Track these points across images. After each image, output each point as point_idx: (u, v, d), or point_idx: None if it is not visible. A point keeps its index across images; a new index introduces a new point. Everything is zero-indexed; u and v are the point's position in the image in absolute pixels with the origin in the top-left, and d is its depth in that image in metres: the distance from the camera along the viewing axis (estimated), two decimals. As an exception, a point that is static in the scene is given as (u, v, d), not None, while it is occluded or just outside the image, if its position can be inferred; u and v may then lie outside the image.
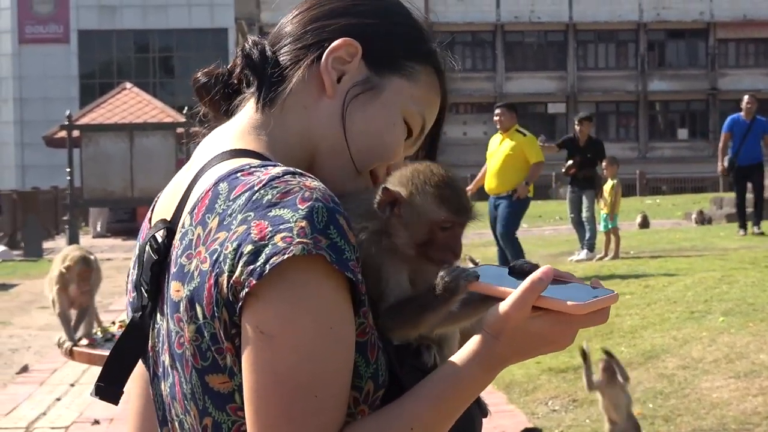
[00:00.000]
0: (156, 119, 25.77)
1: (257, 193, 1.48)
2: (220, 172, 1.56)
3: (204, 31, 52.00)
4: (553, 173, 39.54)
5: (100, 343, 5.62)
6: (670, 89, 53.25)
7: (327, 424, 1.46)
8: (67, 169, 24.27)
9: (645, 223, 22.59)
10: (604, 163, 15.84)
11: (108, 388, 1.65)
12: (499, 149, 13.00)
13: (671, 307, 9.83)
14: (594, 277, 1.59)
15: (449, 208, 1.62)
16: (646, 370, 7.88)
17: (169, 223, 1.61)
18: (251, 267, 1.44)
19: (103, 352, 4.84)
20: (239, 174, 1.53)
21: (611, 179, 15.87)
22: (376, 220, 1.62)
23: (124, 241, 26.68)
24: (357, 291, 1.49)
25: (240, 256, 1.45)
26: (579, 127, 15.72)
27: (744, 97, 17.21)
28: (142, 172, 23.52)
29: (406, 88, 1.72)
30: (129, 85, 29.09)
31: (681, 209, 27.86)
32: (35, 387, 9.06)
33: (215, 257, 1.48)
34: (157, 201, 1.74)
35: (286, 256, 1.43)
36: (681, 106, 54.40)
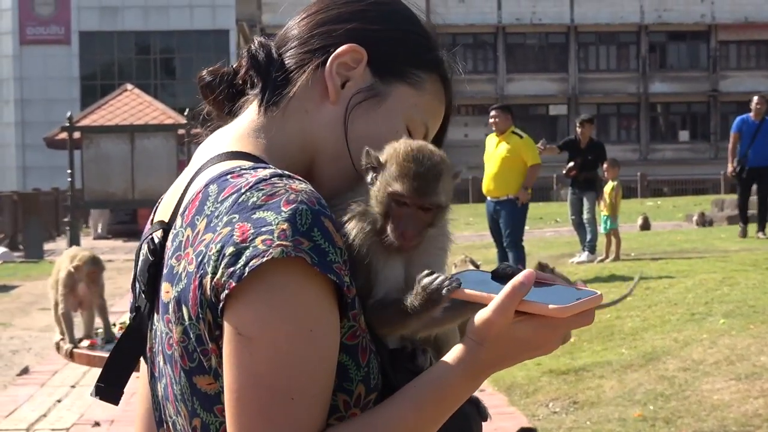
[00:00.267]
0: (157, 121, 25.77)
1: (243, 195, 1.48)
2: (211, 174, 1.56)
3: (205, 32, 52.03)
4: (554, 175, 39.53)
5: (100, 345, 5.63)
6: (671, 91, 53.25)
7: (304, 427, 1.45)
8: (68, 171, 24.27)
9: (646, 225, 22.58)
10: (605, 164, 15.84)
11: (108, 389, 1.65)
12: (496, 152, 12.98)
13: (672, 309, 9.83)
14: (595, 279, 1.58)
15: (404, 183, 1.59)
16: (646, 372, 7.87)
17: (166, 224, 1.61)
18: (231, 269, 1.44)
19: (103, 354, 4.85)
20: (229, 176, 1.53)
21: (612, 181, 15.87)
22: (360, 201, 1.60)
23: (125, 242, 26.69)
24: (343, 294, 1.48)
25: (222, 257, 1.45)
26: (580, 129, 15.71)
27: (753, 97, 17.04)
28: (143, 174, 23.51)
29: (410, 96, 1.71)
30: (130, 86, 29.08)
31: (682, 211, 27.85)
32: (36, 388, 9.06)
33: (200, 259, 1.48)
34: (159, 203, 1.75)
35: (265, 259, 1.43)
36: (682, 108, 54.40)
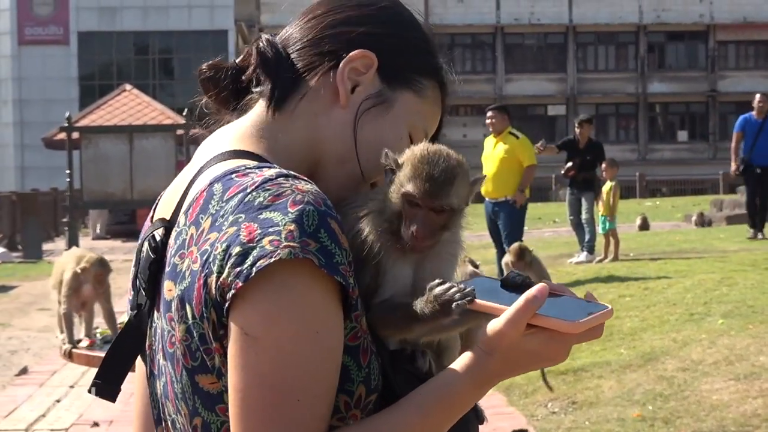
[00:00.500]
0: (156, 121, 25.76)
1: (249, 195, 1.48)
2: (216, 173, 1.56)
3: (204, 32, 52.01)
4: (552, 175, 39.54)
5: (99, 345, 5.63)
6: (669, 91, 53.26)
7: (308, 428, 1.45)
8: (67, 171, 24.24)
9: (645, 225, 22.59)
10: (604, 164, 15.83)
11: (106, 386, 1.65)
12: (493, 153, 12.98)
13: (671, 309, 9.83)
14: (594, 279, 1.59)
15: (416, 184, 1.61)
16: (645, 372, 7.87)
17: (168, 222, 1.61)
18: (238, 269, 1.44)
19: (102, 354, 4.85)
20: (234, 175, 1.53)
21: (610, 181, 15.87)
22: (377, 200, 1.62)
23: (124, 243, 26.68)
24: (347, 295, 1.48)
25: (228, 257, 1.45)
26: (579, 129, 15.70)
27: (756, 96, 16.87)
28: (141, 174, 23.49)
29: (414, 103, 1.72)
30: (129, 86, 29.07)
31: (681, 211, 27.86)
32: (35, 389, 9.06)
33: (205, 258, 1.47)
34: (159, 201, 1.74)
35: (273, 260, 1.42)
36: (681, 108, 54.41)
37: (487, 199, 13.08)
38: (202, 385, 1.51)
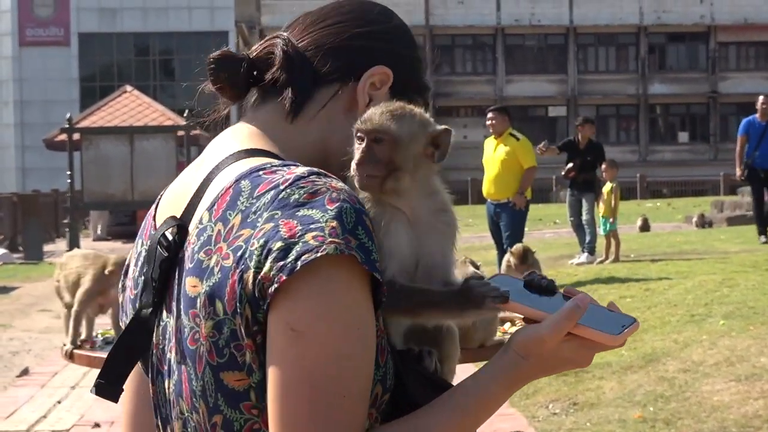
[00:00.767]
0: (156, 122, 25.78)
1: (284, 192, 1.49)
2: (240, 170, 1.57)
3: (204, 34, 52.01)
4: (553, 176, 39.54)
5: (101, 346, 5.62)
6: (670, 92, 53.26)
7: (353, 424, 1.47)
8: (68, 172, 24.26)
9: (645, 227, 22.59)
10: (603, 165, 15.80)
11: (108, 386, 1.64)
12: (494, 155, 12.97)
13: (672, 310, 9.83)
14: (594, 281, 1.61)
15: (360, 116, 1.66)
16: (646, 373, 7.87)
17: (179, 220, 1.61)
18: (281, 263, 1.44)
19: (104, 355, 4.84)
20: (261, 172, 1.54)
21: (610, 182, 15.86)
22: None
23: (125, 244, 26.68)
24: (380, 293, 1.50)
25: (268, 252, 1.45)
26: (581, 130, 15.70)
27: (759, 97, 16.44)
28: (142, 176, 23.49)
29: None
30: (129, 88, 29.10)
31: (681, 212, 27.86)
32: (36, 390, 9.05)
33: (239, 254, 1.48)
34: (160, 199, 1.74)
35: (319, 254, 1.43)
36: (681, 109, 54.41)
37: (488, 200, 13.09)
38: (227, 382, 1.51)
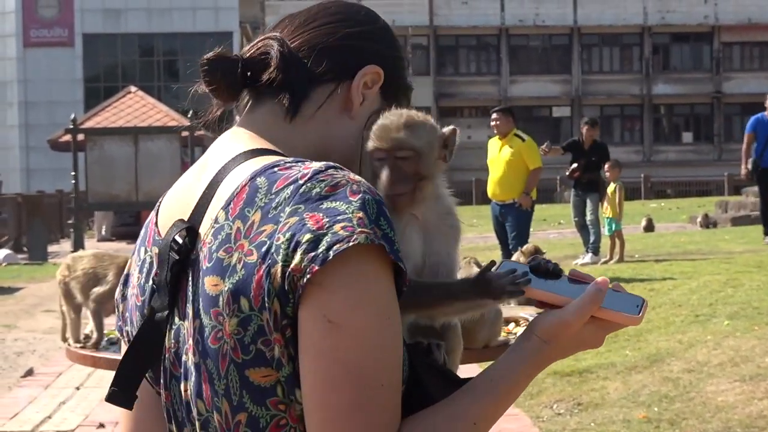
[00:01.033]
0: (161, 123, 25.82)
1: (304, 186, 1.49)
2: (253, 168, 1.57)
3: (208, 34, 52.02)
4: (557, 177, 39.54)
5: (105, 346, 5.61)
6: (674, 93, 53.23)
7: (393, 412, 1.49)
8: (72, 173, 24.29)
9: (650, 227, 22.59)
10: (606, 166, 15.78)
11: (121, 393, 1.63)
12: (499, 155, 12.96)
13: (676, 310, 9.83)
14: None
15: (374, 136, 1.67)
16: (651, 373, 7.87)
17: (188, 223, 1.61)
18: (312, 254, 1.44)
19: (108, 355, 4.83)
20: (276, 168, 1.55)
21: (613, 182, 15.85)
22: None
23: (129, 244, 26.70)
24: (402, 282, 1.52)
25: (296, 245, 1.45)
26: (585, 131, 15.70)
27: None
28: (146, 176, 23.53)
29: None
30: (134, 88, 29.14)
31: (686, 213, 27.85)
32: (40, 390, 9.06)
33: (264, 249, 1.48)
34: (160, 204, 1.73)
35: (351, 244, 1.44)
36: (685, 109, 54.38)
37: (493, 201, 13.08)
38: (253, 379, 1.51)
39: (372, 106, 1.73)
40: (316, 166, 1.53)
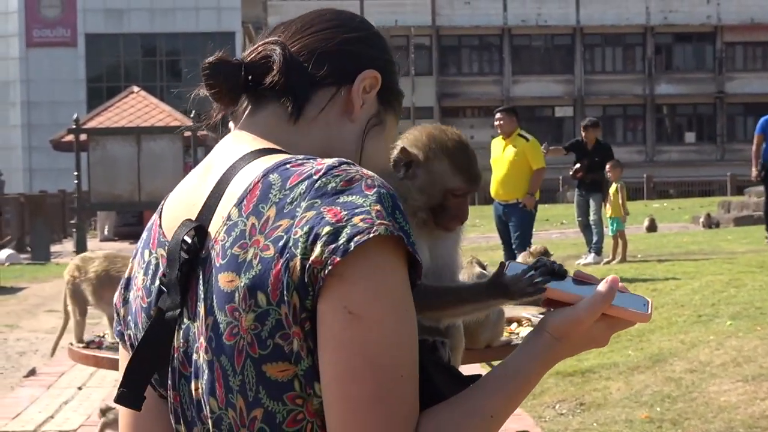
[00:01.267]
0: (163, 123, 25.80)
1: (319, 181, 1.51)
2: (264, 165, 1.58)
3: (211, 34, 52.03)
4: (560, 177, 39.54)
5: (108, 347, 5.62)
6: (677, 93, 53.23)
7: (412, 404, 1.50)
8: (75, 173, 24.29)
9: (652, 227, 22.58)
10: (608, 166, 15.75)
11: (129, 394, 1.63)
12: (503, 156, 12.95)
13: (679, 310, 9.83)
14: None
15: (464, 177, 1.70)
16: (653, 373, 7.87)
17: (196, 222, 1.61)
18: (333, 246, 1.45)
19: (110, 355, 4.84)
20: (288, 165, 1.56)
21: (615, 182, 15.84)
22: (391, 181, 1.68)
23: (132, 244, 26.71)
24: (416, 276, 1.53)
25: (315, 238, 1.47)
26: (584, 133, 15.70)
27: None
28: (149, 176, 23.52)
29: (392, 127, 1.81)
30: (136, 88, 29.13)
31: (688, 213, 27.84)
32: (43, 390, 9.07)
33: (282, 243, 1.49)
34: (163, 207, 1.73)
35: (372, 235, 1.45)
36: (688, 109, 54.37)
37: (496, 200, 13.07)
38: (270, 374, 1.51)
39: (370, 111, 1.74)
40: (329, 161, 1.54)
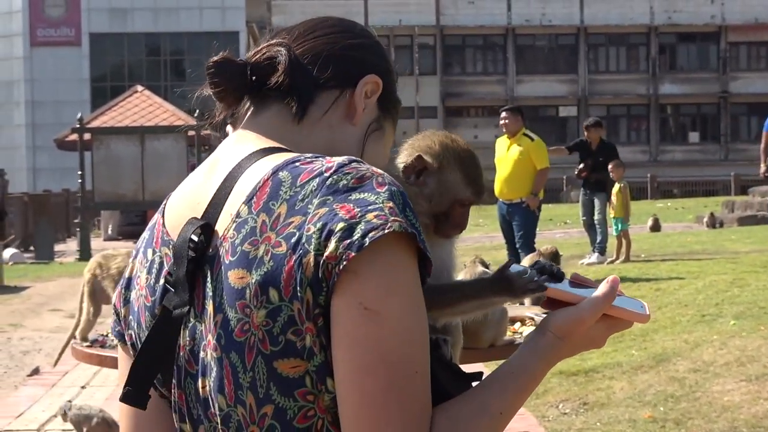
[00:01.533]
0: (167, 122, 25.80)
1: (330, 179, 1.52)
2: (273, 163, 1.59)
3: (215, 34, 52.06)
4: (563, 177, 39.52)
5: (111, 345, 5.62)
6: (681, 92, 53.19)
7: (425, 399, 1.51)
8: (79, 172, 24.30)
9: (656, 227, 22.56)
10: (610, 166, 15.73)
11: (135, 393, 1.63)
12: (507, 155, 12.95)
13: (682, 310, 9.83)
14: (604, 280, 1.65)
15: (473, 189, 1.74)
16: (657, 373, 7.87)
17: (202, 220, 1.61)
18: (348, 241, 1.46)
19: (114, 354, 4.84)
20: (298, 163, 1.57)
21: (618, 182, 15.83)
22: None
23: (135, 243, 26.69)
24: (425, 273, 1.54)
25: (329, 234, 1.47)
26: (587, 133, 15.70)
27: None
28: (153, 176, 23.51)
29: (390, 134, 1.82)
30: (140, 88, 29.13)
31: (692, 212, 27.82)
32: (46, 389, 9.08)
33: (294, 240, 1.50)
34: (165, 206, 1.74)
35: (386, 231, 1.46)
36: (692, 109, 54.34)
37: (500, 200, 13.07)
38: (281, 370, 1.51)
39: (371, 115, 1.75)
40: (339, 159, 1.55)
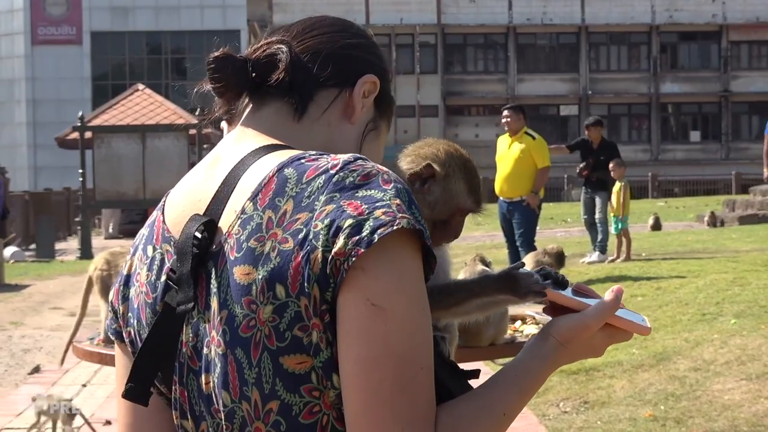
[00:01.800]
0: (168, 121, 25.78)
1: (336, 176, 1.53)
2: (278, 160, 1.59)
3: (216, 32, 52.10)
4: (564, 175, 39.52)
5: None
6: (682, 91, 53.16)
7: (431, 395, 1.52)
8: (80, 171, 24.30)
9: (657, 225, 22.56)
10: (611, 165, 15.73)
11: (137, 389, 1.63)
12: (508, 153, 12.96)
13: (683, 309, 9.83)
14: (606, 279, 1.65)
15: (475, 199, 1.76)
16: (657, 372, 7.87)
17: (205, 217, 1.61)
18: (356, 237, 1.47)
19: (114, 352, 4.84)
20: (303, 160, 1.58)
21: (619, 181, 15.84)
22: None
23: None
24: (429, 269, 1.55)
25: (338, 230, 1.48)
26: (587, 132, 15.71)
27: None
28: (154, 174, 23.51)
29: (385, 134, 1.83)
30: (141, 86, 29.13)
31: (693, 211, 27.81)
32: (47, 387, 9.08)
33: (301, 236, 1.51)
34: (165, 203, 1.73)
35: (395, 228, 1.47)
36: (693, 108, 54.30)
37: (501, 198, 13.07)
38: (287, 366, 1.52)
39: (368, 115, 1.76)
40: (344, 157, 1.56)
